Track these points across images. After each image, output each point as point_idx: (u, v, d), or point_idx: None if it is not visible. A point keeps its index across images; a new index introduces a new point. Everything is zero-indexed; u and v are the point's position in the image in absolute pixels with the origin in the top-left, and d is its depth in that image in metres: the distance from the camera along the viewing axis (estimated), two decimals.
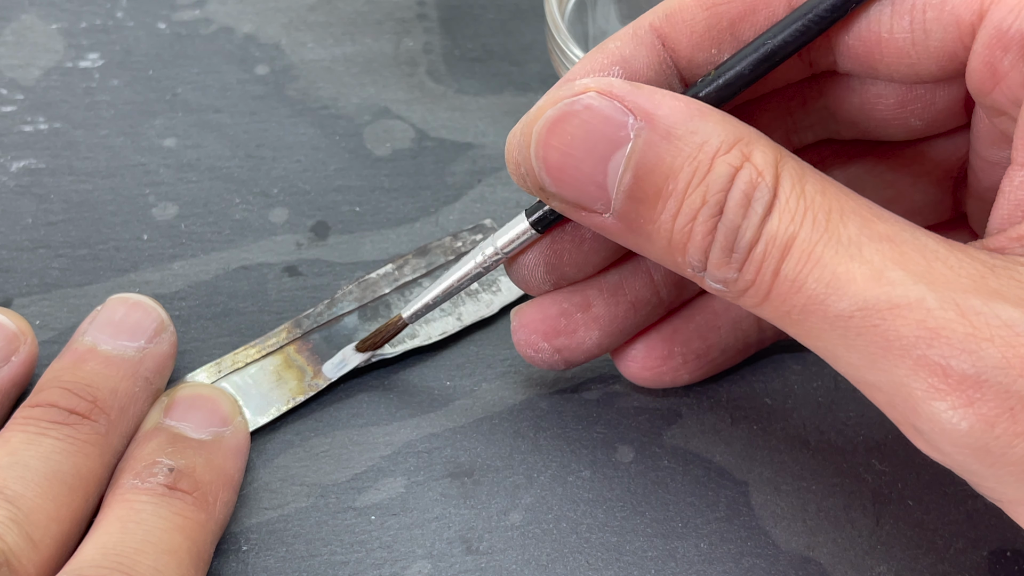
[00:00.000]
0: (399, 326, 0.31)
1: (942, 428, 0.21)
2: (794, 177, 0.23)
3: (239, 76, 0.40)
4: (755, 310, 0.24)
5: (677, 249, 0.24)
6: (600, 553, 0.29)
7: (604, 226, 0.25)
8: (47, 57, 0.41)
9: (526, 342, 0.30)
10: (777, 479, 0.31)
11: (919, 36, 0.24)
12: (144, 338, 0.30)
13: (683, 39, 0.26)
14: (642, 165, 0.23)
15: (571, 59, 0.35)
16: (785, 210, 0.22)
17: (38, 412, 0.28)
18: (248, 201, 0.37)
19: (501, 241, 0.28)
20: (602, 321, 0.30)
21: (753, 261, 0.23)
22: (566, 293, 0.30)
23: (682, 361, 0.31)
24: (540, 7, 0.42)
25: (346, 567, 0.29)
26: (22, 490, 0.27)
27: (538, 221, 0.28)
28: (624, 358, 0.31)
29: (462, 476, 0.31)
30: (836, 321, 0.22)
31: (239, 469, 0.30)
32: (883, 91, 0.27)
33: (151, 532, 0.26)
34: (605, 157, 0.24)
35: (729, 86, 0.25)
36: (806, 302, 0.22)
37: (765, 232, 0.22)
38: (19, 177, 0.37)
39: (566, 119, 0.24)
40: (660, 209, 0.23)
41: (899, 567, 0.29)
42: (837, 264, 0.22)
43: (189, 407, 0.30)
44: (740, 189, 0.23)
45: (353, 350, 0.32)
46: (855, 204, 0.23)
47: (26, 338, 0.31)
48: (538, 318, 0.30)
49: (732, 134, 0.23)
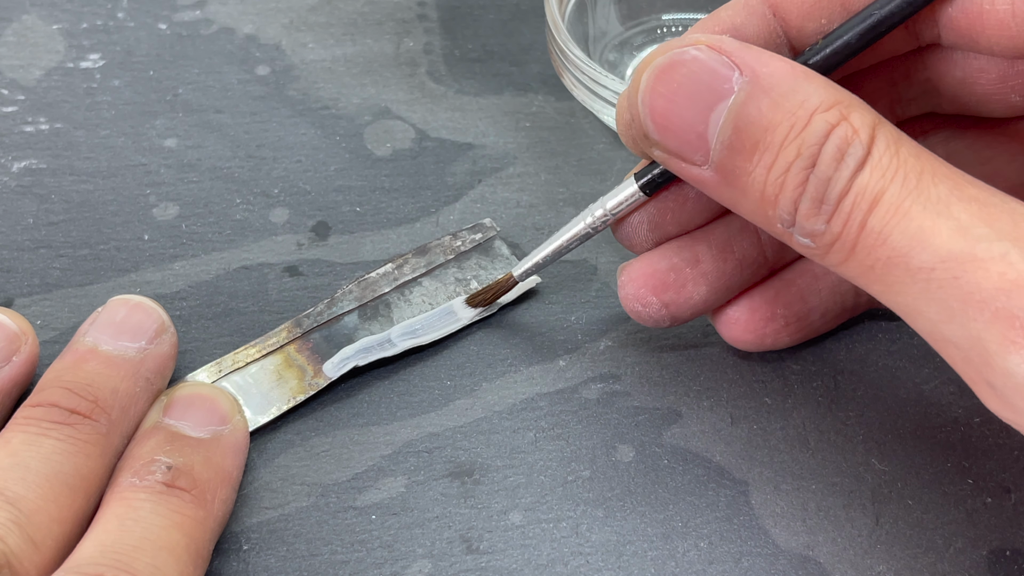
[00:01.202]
0: (509, 284, 0.32)
1: (1016, 383, 0.21)
2: (889, 139, 0.23)
3: (240, 76, 0.40)
4: (840, 268, 0.24)
5: (769, 202, 0.24)
6: (600, 553, 0.29)
7: (702, 179, 0.25)
8: (48, 57, 0.41)
9: (634, 296, 0.30)
10: (777, 478, 0.31)
11: (1020, 8, 0.25)
12: (145, 339, 0.30)
13: (793, 9, 0.26)
14: (742, 117, 0.24)
15: (571, 59, 0.35)
16: (877, 166, 0.23)
17: (39, 412, 0.28)
18: (249, 201, 0.37)
19: (611, 203, 0.29)
20: (710, 277, 0.30)
21: (841, 213, 0.23)
22: (675, 248, 0.30)
23: (783, 324, 0.31)
24: (540, 7, 0.42)
25: (346, 566, 0.29)
26: (23, 491, 0.27)
27: (647, 184, 0.29)
28: (726, 320, 0.31)
29: (462, 476, 0.31)
30: (918, 274, 0.22)
31: (238, 467, 0.30)
32: (985, 65, 0.27)
33: (149, 529, 0.26)
34: (708, 107, 0.24)
35: (836, 54, 0.26)
36: (890, 255, 0.23)
37: (855, 185, 0.23)
38: (20, 177, 0.37)
39: (674, 67, 0.25)
40: (755, 161, 0.24)
41: (899, 566, 0.29)
42: (924, 219, 0.22)
43: (188, 406, 0.30)
44: (834, 143, 0.23)
45: (463, 303, 0.33)
46: (947, 170, 0.23)
47: (27, 338, 0.31)
48: (647, 272, 0.30)
49: (832, 96, 0.24)
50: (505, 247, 0.35)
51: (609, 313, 0.34)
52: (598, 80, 0.35)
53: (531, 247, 0.35)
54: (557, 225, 0.36)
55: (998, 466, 0.31)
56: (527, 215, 0.37)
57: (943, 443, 0.32)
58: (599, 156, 0.38)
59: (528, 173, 0.38)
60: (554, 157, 0.38)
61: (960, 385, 0.33)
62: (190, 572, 0.27)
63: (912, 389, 0.33)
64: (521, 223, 0.36)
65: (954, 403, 0.32)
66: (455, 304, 0.33)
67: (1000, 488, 0.31)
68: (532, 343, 0.34)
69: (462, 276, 0.34)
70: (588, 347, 0.34)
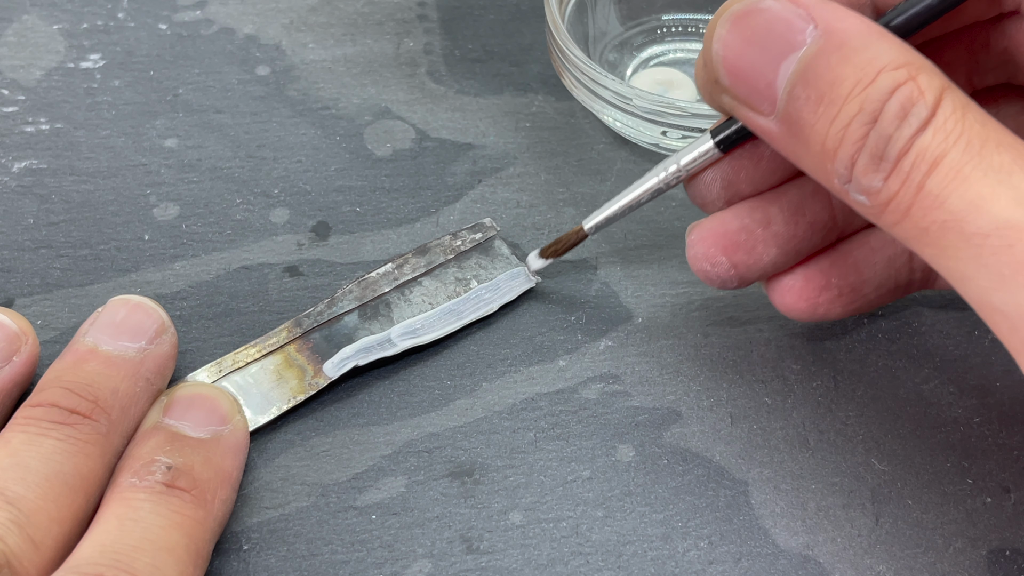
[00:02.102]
0: (579, 237, 0.33)
1: None
2: (956, 104, 0.23)
3: (240, 77, 0.40)
4: (894, 228, 0.24)
5: (828, 155, 0.24)
6: (600, 553, 0.29)
7: (768, 131, 0.25)
8: (48, 58, 0.41)
9: (704, 255, 0.30)
10: (777, 478, 0.31)
11: None
12: (145, 339, 0.30)
13: None
14: (811, 70, 0.24)
15: (571, 59, 0.35)
16: (940, 129, 0.23)
17: (39, 412, 0.28)
18: (249, 201, 0.37)
19: (684, 159, 0.29)
20: (781, 239, 0.30)
21: (900, 172, 0.23)
22: (747, 209, 0.30)
23: (837, 294, 0.31)
24: (540, 7, 0.42)
25: (347, 566, 0.29)
26: (23, 491, 0.27)
27: (722, 141, 0.29)
28: (780, 288, 0.31)
29: (462, 476, 0.31)
30: (972, 239, 0.22)
31: (238, 467, 0.30)
32: None
33: (149, 530, 0.26)
34: (779, 57, 0.24)
35: (917, 17, 0.26)
36: (946, 218, 0.22)
37: (916, 144, 0.23)
38: (21, 177, 0.37)
39: (750, 15, 0.25)
40: (819, 114, 0.24)
41: (898, 566, 0.29)
42: (983, 185, 0.22)
43: (188, 406, 0.30)
44: (898, 101, 0.23)
45: (537, 255, 0.34)
46: (1013, 140, 0.23)
47: (27, 338, 0.31)
48: (719, 232, 0.30)
49: (903, 57, 0.24)
50: (505, 246, 0.35)
51: (609, 313, 0.34)
52: (598, 80, 0.35)
53: (531, 247, 0.35)
54: (557, 225, 0.36)
55: (997, 466, 0.31)
56: (527, 215, 0.37)
57: (943, 443, 0.32)
58: (599, 156, 0.38)
59: (528, 173, 0.38)
60: (554, 157, 0.38)
61: (960, 385, 0.33)
62: (190, 572, 0.27)
63: (912, 389, 0.33)
64: (521, 223, 0.36)
65: (954, 403, 0.32)
66: (530, 257, 0.34)
67: (1000, 488, 0.31)
68: (532, 343, 0.34)
69: (462, 276, 0.34)
70: (588, 347, 0.34)
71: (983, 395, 0.33)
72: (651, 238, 0.36)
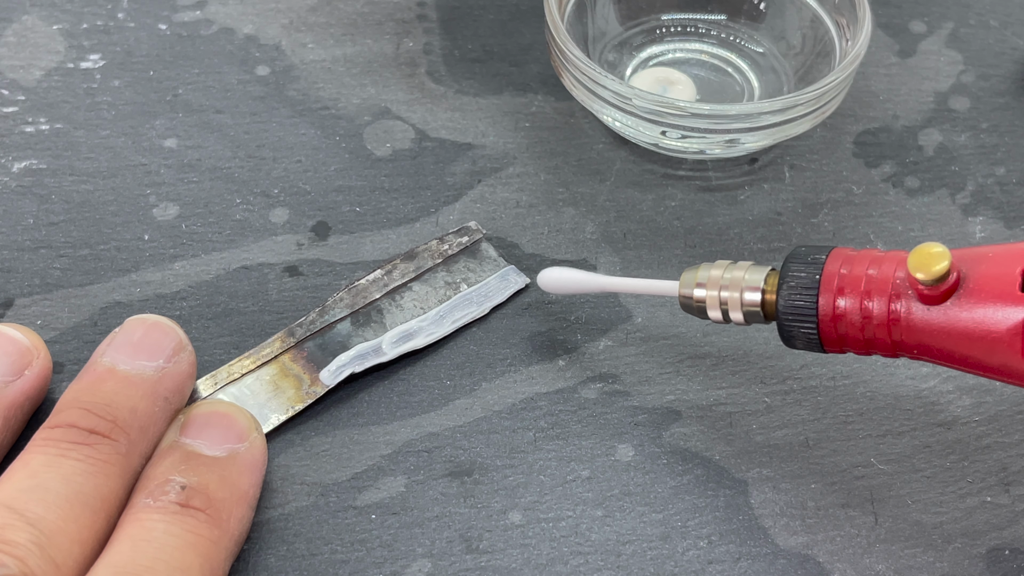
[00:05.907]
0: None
1: None
2: None
3: (240, 77, 0.40)
4: None
5: None
6: (599, 552, 0.29)
7: None
8: (48, 58, 0.41)
9: None
10: (776, 478, 0.31)
11: None
12: (163, 358, 0.30)
13: None
14: None
15: (571, 59, 0.35)
16: None
17: (58, 433, 0.28)
18: (249, 201, 0.37)
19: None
20: None
21: None
22: None
23: None
24: (540, 7, 0.42)
25: (347, 566, 0.29)
26: (44, 512, 0.26)
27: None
28: None
29: (462, 475, 0.31)
30: None
31: (255, 484, 0.29)
32: None
33: (163, 550, 0.26)
34: None
35: None
36: None
37: None
38: (21, 177, 0.37)
39: None
40: None
41: (898, 565, 0.29)
42: None
43: (204, 424, 0.29)
44: None
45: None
46: None
47: (39, 352, 0.31)
48: None
49: None
50: (492, 249, 0.35)
51: (609, 313, 0.34)
52: (597, 80, 0.35)
53: (531, 247, 0.35)
54: (557, 224, 0.36)
55: (997, 465, 0.31)
56: (527, 215, 0.37)
57: (942, 443, 0.32)
58: (599, 156, 0.38)
59: (528, 173, 0.38)
60: (554, 157, 0.38)
61: (960, 385, 0.33)
62: None
63: (912, 389, 0.33)
64: (521, 223, 0.36)
65: (954, 403, 0.32)
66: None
67: (999, 487, 0.31)
68: (532, 343, 0.34)
69: (451, 280, 0.35)
70: (588, 347, 0.34)
71: (983, 395, 0.33)
72: (651, 238, 0.36)
